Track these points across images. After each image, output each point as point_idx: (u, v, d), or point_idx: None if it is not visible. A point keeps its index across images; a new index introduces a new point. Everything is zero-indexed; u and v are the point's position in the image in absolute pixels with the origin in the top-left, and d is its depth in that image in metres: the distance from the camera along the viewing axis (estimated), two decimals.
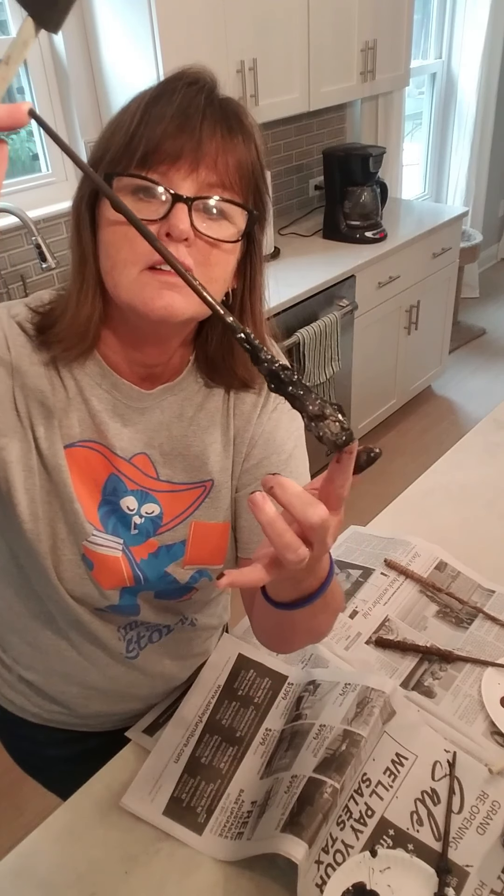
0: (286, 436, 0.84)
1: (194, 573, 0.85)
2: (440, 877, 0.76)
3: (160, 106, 0.64)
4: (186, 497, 0.83)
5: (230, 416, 0.82)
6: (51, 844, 0.83)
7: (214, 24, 2.09)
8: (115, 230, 0.65)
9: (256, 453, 0.83)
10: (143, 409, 0.78)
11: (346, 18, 2.56)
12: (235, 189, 0.67)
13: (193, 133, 0.64)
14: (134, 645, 0.92)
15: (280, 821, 0.76)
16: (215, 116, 0.65)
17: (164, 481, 0.82)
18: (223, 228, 0.67)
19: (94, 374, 0.76)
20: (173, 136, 0.63)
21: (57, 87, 2.22)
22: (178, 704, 0.95)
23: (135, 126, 0.64)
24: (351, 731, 0.84)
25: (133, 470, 0.80)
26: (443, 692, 0.96)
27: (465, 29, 3.77)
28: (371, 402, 3.10)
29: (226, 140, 0.65)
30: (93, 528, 0.78)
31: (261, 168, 0.70)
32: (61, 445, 0.75)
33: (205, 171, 0.64)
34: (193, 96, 0.65)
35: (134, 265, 0.65)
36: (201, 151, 0.64)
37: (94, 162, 0.67)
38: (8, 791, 1.89)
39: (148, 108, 0.64)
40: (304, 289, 2.41)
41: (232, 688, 0.96)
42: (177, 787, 0.85)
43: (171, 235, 0.63)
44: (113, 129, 0.66)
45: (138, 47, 2.03)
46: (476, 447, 1.50)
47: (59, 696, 0.96)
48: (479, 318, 4.31)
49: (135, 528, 0.81)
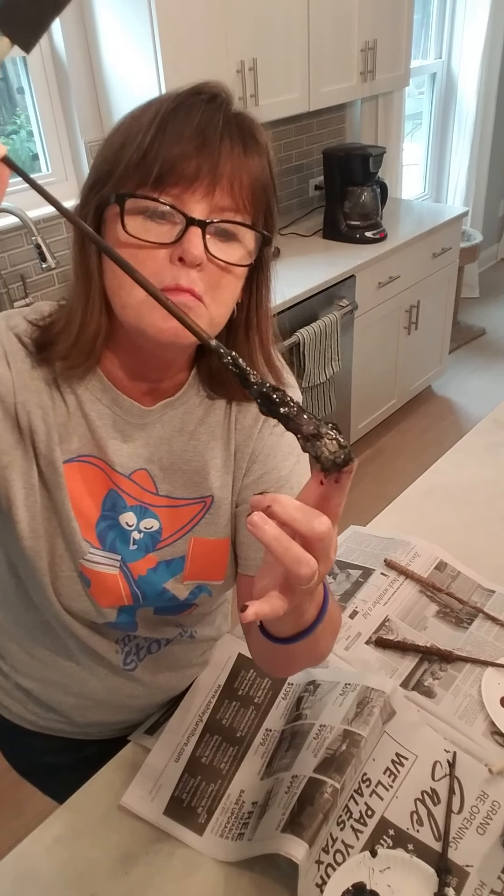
0: (288, 451, 0.82)
1: (193, 589, 0.84)
2: (440, 877, 0.76)
3: (177, 123, 0.62)
4: (186, 513, 0.82)
5: (231, 430, 0.81)
6: (51, 844, 0.83)
7: (214, 25, 2.09)
8: (124, 251, 0.63)
9: (257, 469, 0.81)
10: (144, 424, 0.77)
11: (346, 18, 2.56)
12: (248, 210, 0.66)
13: (211, 155, 0.62)
14: (132, 657, 0.91)
15: (280, 821, 0.76)
16: (233, 137, 0.63)
17: (163, 496, 0.80)
18: (234, 250, 0.66)
19: (95, 389, 0.74)
20: (191, 157, 0.61)
21: (57, 87, 2.22)
22: (177, 704, 0.95)
23: (148, 142, 0.61)
24: (351, 731, 0.84)
25: (132, 486, 0.79)
26: (443, 692, 0.96)
27: (465, 29, 3.77)
28: (371, 402, 3.10)
29: (241, 161, 0.64)
30: (89, 546, 0.77)
31: (273, 186, 0.68)
32: (61, 462, 0.74)
33: (220, 194, 0.63)
34: (212, 114, 0.63)
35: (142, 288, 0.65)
36: (217, 174, 0.62)
37: (103, 175, 0.65)
38: (8, 791, 1.89)
39: (163, 123, 0.62)
40: (304, 289, 2.41)
41: (232, 687, 0.96)
42: (177, 787, 0.85)
43: (183, 260, 0.62)
44: (123, 141, 0.64)
45: (138, 47, 2.03)
46: (476, 447, 1.50)
47: (56, 706, 0.96)
48: (479, 318, 4.31)
49: (133, 543, 0.80)
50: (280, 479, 0.81)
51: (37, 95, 2.19)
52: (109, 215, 0.65)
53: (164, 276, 0.63)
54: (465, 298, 4.29)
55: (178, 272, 0.63)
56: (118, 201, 0.63)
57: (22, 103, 2.24)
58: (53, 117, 2.25)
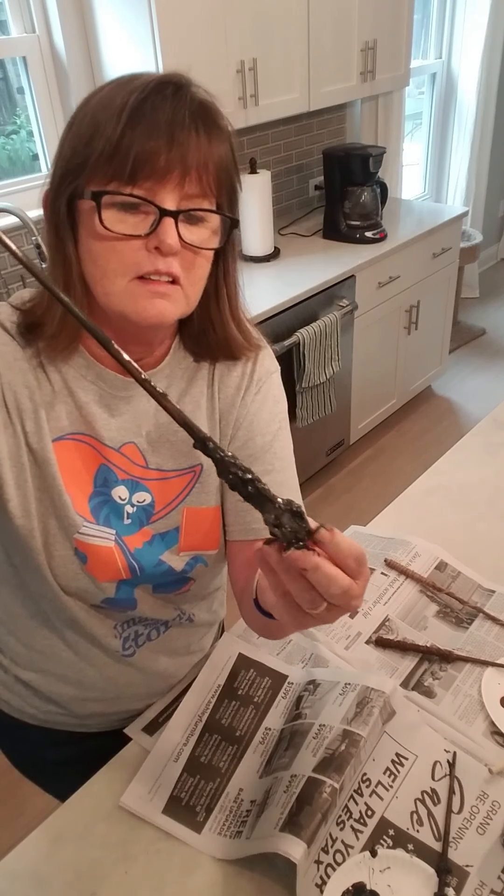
0: (270, 418, 0.85)
1: (189, 560, 0.86)
2: (440, 877, 0.76)
3: (146, 117, 0.64)
4: (177, 484, 0.84)
5: (215, 399, 0.84)
6: (51, 844, 0.83)
7: (214, 24, 2.09)
8: (103, 243, 0.67)
9: (241, 435, 0.84)
10: (129, 397, 0.80)
11: (346, 18, 2.56)
12: (214, 194, 0.70)
13: (181, 148, 0.65)
14: (131, 643, 0.92)
15: (279, 820, 0.76)
16: (198, 128, 0.66)
17: (153, 469, 0.83)
18: (203, 231, 0.70)
19: (79, 366, 0.77)
20: (161, 152, 0.64)
21: (57, 87, 2.22)
22: (176, 704, 0.95)
23: (118, 136, 0.64)
24: (350, 731, 0.84)
25: (122, 459, 0.81)
26: (443, 692, 0.96)
27: (465, 29, 3.77)
28: (371, 402, 3.10)
29: (207, 150, 0.67)
30: (83, 520, 0.79)
31: (235, 166, 0.72)
32: (49, 439, 0.76)
33: (188, 184, 0.66)
34: (179, 107, 0.65)
35: (123, 276, 0.68)
36: (186, 165, 0.66)
37: (74, 167, 0.67)
38: (8, 791, 1.89)
39: (132, 117, 0.64)
40: (304, 289, 2.41)
41: (232, 687, 0.96)
42: (176, 786, 0.85)
43: (160, 250, 0.66)
44: (92, 132, 0.65)
45: (138, 47, 2.03)
46: (476, 447, 1.50)
47: (56, 697, 0.96)
48: (479, 318, 4.31)
49: (127, 517, 0.82)
50: (264, 445, 0.84)
51: (37, 95, 2.19)
52: (85, 208, 0.68)
53: (143, 264, 0.67)
54: (465, 298, 4.29)
55: (156, 259, 0.67)
56: (94, 199, 0.66)
57: (22, 103, 2.24)
58: (53, 117, 2.25)
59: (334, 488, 3.01)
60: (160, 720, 0.95)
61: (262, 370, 0.86)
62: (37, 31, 2.13)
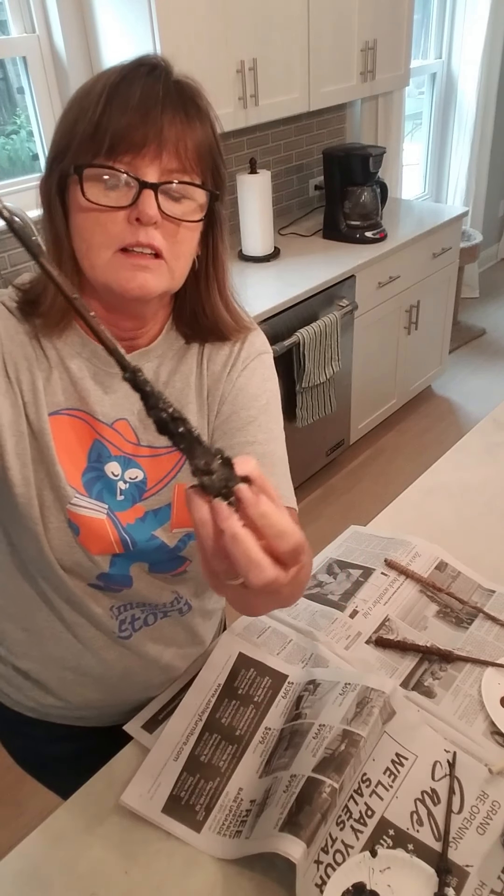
0: (257, 393, 0.86)
1: (182, 536, 0.87)
2: (440, 877, 0.76)
3: (122, 95, 0.68)
4: (168, 461, 0.86)
5: (203, 376, 0.86)
6: (51, 844, 0.83)
7: (214, 24, 2.09)
8: (87, 216, 0.70)
9: (226, 409, 0.86)
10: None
11: (346, 18, 2.56)
12: (195, 170, 0.72)
13: (155, 122, 0.68)
14: (128, 626, 0.93)
15: (278, 820, 0.76)
16: (174, 104, 0.69)
17: (145, 446, 0.85)
18: (186, 207, 0.72)
19: (74, 343, 0.80)
20: (136, 126, 0.67)
21: (57, 87, 2.22)
22: (176, 701, 0.95)
23: (98, 115, 0.68)
24: (350, 731, 0.84)
25: (115, 435, 0.83)
26: (443, 692, 0.96)
27: (465, 29, 3.77)
28: (371, 402, 3.10)
29: (184, 125, 0.70)
30: (74, 492, 0.81)
31: (217, 146, 0.74)
32: (46, 411, 0.79)
33: (167, 158, 0.69)
34: (152, 84, 0.69)
35: (108, 248, 0.70)
36: (163, 139, 0.68)
37: (61, 151, 0.71)
38: (8, 791, 1.89)
39: (110, 97, 0.68)
40: (304, 289, 2.41)
41: (232, 686, 0.96)
42: (176, 785, 0.85)
43: (140, 220, 0.69)
44: (76, 116, 0.70)
45: (138, 47, 2.03)
46: (476, 447, 1.50)
47: (53, 685, 0.97)
48: (479, 318, 4.31)
49: (120, 493, 0.84)
50: (248, 417, 0.85)
51: (37, 95, 2.19)
52: (71, 184, 0.71)
53: (125, 235, 0.70)
54: (465, 298, 4.29)
55: (138, 230, 0.70)
56: (76, 172, 0.69)
57: (22, 103, 2.24)
58: (53, 117, 2.25)
59: (334, 488, 3.01)
60: (160, 717, 0.95)
61: (252, 349, 0.88)
62: (37, 31, 2.13)
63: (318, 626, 1.06)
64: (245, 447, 0.83)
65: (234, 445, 0.83)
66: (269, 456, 0.83)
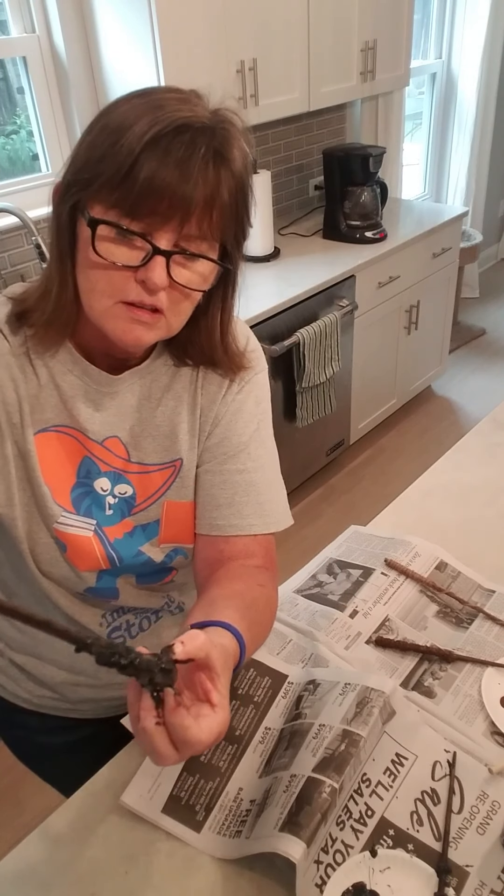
0: (249, 418, 0.86)
1: (169, 552, 0.88)
2: (440, 877, 0.76)
3: (159, 156, 0.64)
4: (158, 478, 0.86)
5: (198, 394, 0.85)
6: (51, 844, 0.83)
7: (214, 24, 2.09)
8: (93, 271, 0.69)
9: (219, 432, 0.86)
10: (114, 393, 0.81)
11: (346, 18, 2.56)
12: (215, 237, 0.70)
13: (187, 193, 0.65)
14: (122, 633, 0.94)
15: (278, 820, 0.76)
16: (208, 176, 0.66)
17: (135, 463, 0.85)
18: (196, 272, 0.70)
19: (65, 361, 0.79)
20: (165, 196, 0.64)
21: (57, 87, 2.22)
22: None
23: (128, 166, 0.64)
24: (350, 731, 0.84)
25: (106, 452, 0.83)
26: (443, 692, 0.96)
27: (465, 29, 3.77)
28: (371, 402, 3.10)
29: (215, 196, 0.67)
30: (61, 510, 0.81)
31: (245, 205, 0.71)
32: (31, 432, 0.78)
33: (187, 227, 0.67)
34: (193, 151, 0.65)
35: (109, 297, 0.69)
36: (189, 211, 0.66)
37: (81, 181, 0.67)
38: (8, 791, 1.89)
39: (147, 149, 0.64)
40: (304, 289, 2.42)
41: (231, 687, 0.95)
42: (176, 785, 0.85)
43: (146, 285, 0.67)
44: (105, 153, 0.65)
45: (138, 48, 2.03)
46: (476, 447, 1.50)
47: (48, 681, 0.98)
48: (479, 318, 4.31)
49: (109, 508, 0.84)
50: (239, 445, 0.85)
51: (37, 95, 2.19)
52: (83, 230, 0.69)
53: (129, 292, 0.69)
54: (465, 298, 4.29)
55: (142, 291, 0.68)
56: (91, 226, 0.67)
57: (22, 103, 2.24)
58: (53, 117, 2.25)
59: (334, 488, 3.01)
60: None
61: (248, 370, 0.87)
62: (37, 31, 2.13)
63: (317, 626, 1.06)
64: (234, 475, 0.85)
65: (224, 472, 0.85)
66: (255, 485, 0.86)
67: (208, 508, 0.86)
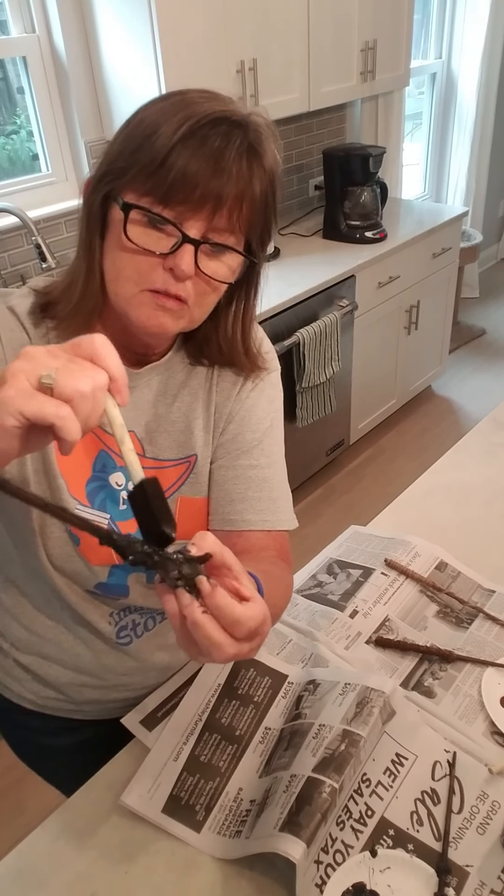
0: (262, 415, 0.88)
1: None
2: (440, 877, 0.76)
3: (195, 147, 0.66)
4: (172, 474, 0.86)
5: (213, 391, 0.86)
6: (51, 844, 0.83)
7: (214, 24, 2.09)
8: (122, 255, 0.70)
9: (232, 428, 0.87)
10: (132, 388, 0.82)
11: (346, 18, 2.56)
12: (242, 230, 0.72)
13: (219, 184, 0.67)
14: (129, 632, 0.94)
15: (278, 820, 0.76)
16: (241, 169, 0.68)
17: (150, 458, 0.85)
18: (222, 265, 0.72)
19: None
20: (198, 186, 0.66)
21: (57, 87, 2.22)
22: (175, 698, 0.95)
23: (164, 155, 0.66)
24: (350, 731, 0.84)
25: None
26: (443, 692, 0.96)
27: (465, 29, 3.77)
28: (371, 402, 3.10)
29: (247, 186, 0.69)
30: (77, 503, 0.81)
31: (273, 203, 0.74)
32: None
33: (218, 218, 0.68)
34: (228, 143, 0.67)
35: (136, 284, 0.70)
36: (221, 201, 0.68)
37: (116, 170, 0.69)
38: (8, 791, 1.89)
39: (183, 140, 0.66)
40: (304, 289, 2.41)
41: (232, 686, 0.96)
42: (176, 785, 0.85)
43: (174, 273, 0.69)
44: (141, 143, 0.68)
45: (138, 47, 2.03)
46: (476, 447, 1.50)
47: (53, 681, 0.98)
48: (479, 318, 4.31)
49: (123, 503, 0.84)
50: (253, 441, 0.87)
51: (37, 95, 2.19)
52: (115, 214, 0.70)
53: (155, 279, 0.70)
54: (465, 298, 4.29)
55: (168, 279, 0.70)
56: (124, 210, 0.68)
57: (22, 103, 2.24)
58: (53, 117, 2.25)
59: (334, 488, 3.01)
60: (158, 714, 0.95)
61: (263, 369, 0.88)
62: (37, 31, 2.13)
63: (317, 626, 1.06)
64: (247, 470, 0.86)
65: (237, 468, 0.86)
66: (268, 480, 0.87)
67: (222, 504, 0.87)
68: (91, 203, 0.72)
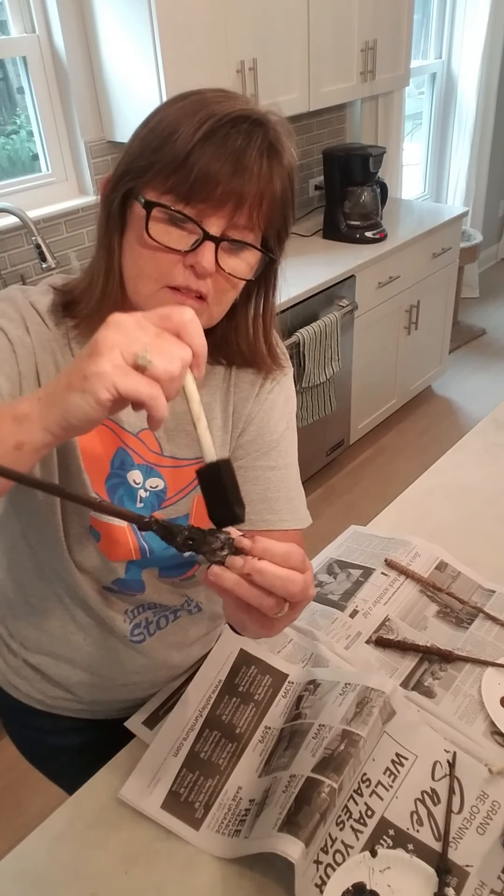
0: (280, 417, 0.88)
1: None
2: (440, 877, 0.76)
3: (216, 146, 0.67)
4: (189, 472, 0.86)
5: (231, 391, 0.86)
6: (51, 844, 0.83)
7: (214, 25, 2.09)
8: (143, 251, 0.70)
9: (251, 430, 0.87)
10: None
11: (346, 18, 2.56)
12: (261, 228, 0.72)
13: (240, 183, 0.68)
14: (142, 630, 0.94)
15: (277, 820, 0.76)
16: (262, 167, 0.69)
17: (167, 457, 0.85)
18: (242, 261, 0.73)
19: None
20: (219, 183, 0.67)
21: (57, 87, 2.22)
22: (177, 697, 0.95)
23: (186, 153, 0.66)
24: (350, 731, 0.84)
25: (139, 444, 0.84)
26: (443, 692, 0.96)
27: (465, 29, 3.76)
28: (371, 402, 3.10)
29: (265, 187, 0.70)
30: (99, 499, 0.81)
31: (292, 200, 0.74)
32: None
33: (238, 215, 0.69)
34: (249, 141, 0.68)
35: (156, 282, 0.71)
36: (242, 199, 0.68)
37: (136, 170, 0.70)
38: (8, 790, 1.89)
39: (205, 138, 0.66)
40: (304, 289, 2.41)
41: (233, 683, 0.96)
42: (175, 781, 0.85)
43: (195, 270, 0.69)
44: (162, 142, 0.68)
45: (138, 47, 2.03)
46: (476, 447, 1.50)
47: (63, 681, 0.98)
48: (479, 318, 4.31)
49: (140, 501, 0.85)
50: (272, 442, 0.87)
51: (37, 95, 2.19)
52: (136, 210, 0.71)
53: (176, 277, 0.70)
54: (465, 298, 4.28)
55: (189, 276, 0.70)
56: (147, 207, 0.69)
57: (22, 103, 2.24)
58: (53, 117, 2.25)
59: (334, 488, 3.01)
60: (160, 713, 0.95)
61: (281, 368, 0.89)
62: (37, 31, 2.13)
63: (318, 626, 1.06)
64: (266, 471, 0.86)
65: (256, 468, 0.86)
66: (285, 481, 0.87)
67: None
68: (110, 201, 0.72)
